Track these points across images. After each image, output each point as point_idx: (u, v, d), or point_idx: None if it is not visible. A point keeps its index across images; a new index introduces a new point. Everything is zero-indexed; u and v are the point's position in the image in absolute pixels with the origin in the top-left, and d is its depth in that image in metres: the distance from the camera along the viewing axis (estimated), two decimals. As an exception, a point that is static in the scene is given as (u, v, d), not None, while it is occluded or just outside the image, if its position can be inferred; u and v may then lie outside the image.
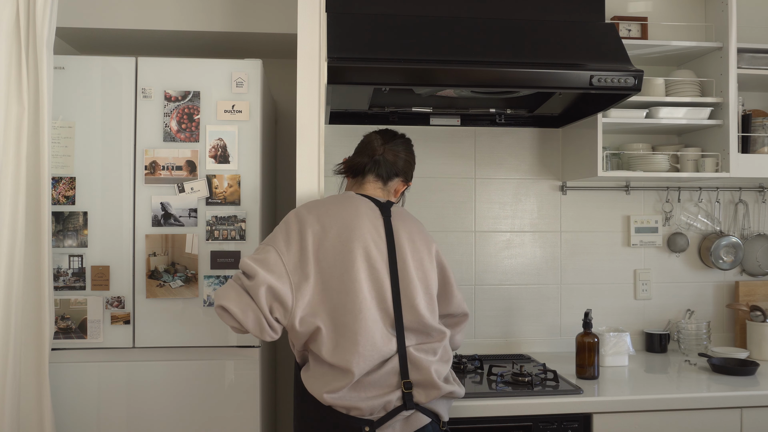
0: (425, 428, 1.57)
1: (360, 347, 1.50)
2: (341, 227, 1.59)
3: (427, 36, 1.97)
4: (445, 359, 1.63)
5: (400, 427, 1.54)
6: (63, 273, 1.96)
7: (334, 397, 1.51)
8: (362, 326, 1.52)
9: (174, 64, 2.01)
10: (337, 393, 1.51)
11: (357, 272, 1.55)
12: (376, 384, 1.53)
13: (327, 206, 1.65)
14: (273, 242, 1.59)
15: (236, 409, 2.00)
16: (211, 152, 2.00)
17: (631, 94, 2.00)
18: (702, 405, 1.97)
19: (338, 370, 1.52)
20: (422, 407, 1.57)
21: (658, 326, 2.64)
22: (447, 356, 1.64)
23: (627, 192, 2.64)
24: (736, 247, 2.62)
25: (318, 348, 1.54)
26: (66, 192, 1.97)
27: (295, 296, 1.52)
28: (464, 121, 2.55)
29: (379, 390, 1.53)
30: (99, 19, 2.30)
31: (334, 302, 1.54)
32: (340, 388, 1.51)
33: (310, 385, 1.55)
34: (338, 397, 1.51)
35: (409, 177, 1.82)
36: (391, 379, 1.55)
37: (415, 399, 1.56)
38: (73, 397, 1.96)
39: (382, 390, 1.54)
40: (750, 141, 2.43)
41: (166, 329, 1.99)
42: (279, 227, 1.63)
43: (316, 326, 1.53)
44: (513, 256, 2.59)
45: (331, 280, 1.55)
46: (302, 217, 1.62)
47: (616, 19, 2.48)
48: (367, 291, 1.55)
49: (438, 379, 1.57)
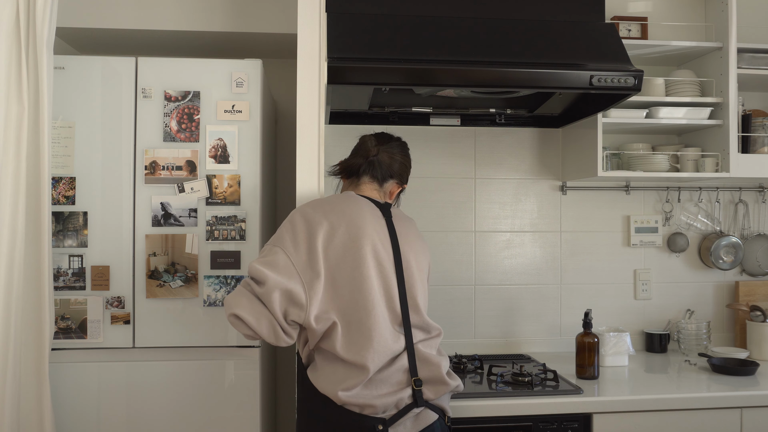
0: (434, 425, 1.58)
1: (374, 343, 1.52)
2: (349, 225, 1.59)
3: (427, 36, 1.97)
4: (443, 354, 1.67)
5: (410, 424, 1.55)
6: (63, 273, 1.96)
7: (349, 395, 1.50)
8: (375, 322, 1.53)
9: (174, 64, 2.01)
10: (351, 391, 1.51)
11: (368, 269, 1.56)
12: (386, 381, 1.54)
13: (332, 204, 1.65)
14: (280, 242, 1.58)
15: (236, 409, 2.00)
16: (211, 152, 2.00)
17: (631, 94, 2.00)
18: (702, 405, 1.97)
19: (352, 367, 1.52)
20: (430, 404, 1.58)
21: (658, 326, 2.64)
22: (443, 352, 1.68)
23: (627, 192, 2.64)
24: (736, 247, 2.62)
25: (332, 345, 1.53)
26: (66, 192, 1.97)
27: (308, 294, 1.52)
28: (464, 121, 2.54)
29: (390, 387, 1.54)
30: (99, 19, 2.30)
31: (345, 299, 1.54)
32: (355, 385, 1.50)
33: (322, 383, 1.54)
34: (353, 395, 1.50)
35: (404, 179, 1.81)
36: (401, 376, 1.55)
37: (424, 396, 1.57)
38: (73, 397, 1.96)
39: (393, 387, 1.54)
40: (750, 141, 2.43)
41: (166, 329, 1.99)
42: (284, 227, 1.61)
43: (332, 321, 1.53)
44: (513, 256, 2.59)
45: (341, 277, 1.55)
46: (308, 215, 1.61)
47: (616, 19, 2.48)
48: (377, 288, 1.56)
49: (445, 374, 1.60)
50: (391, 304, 1.58)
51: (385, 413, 1.53)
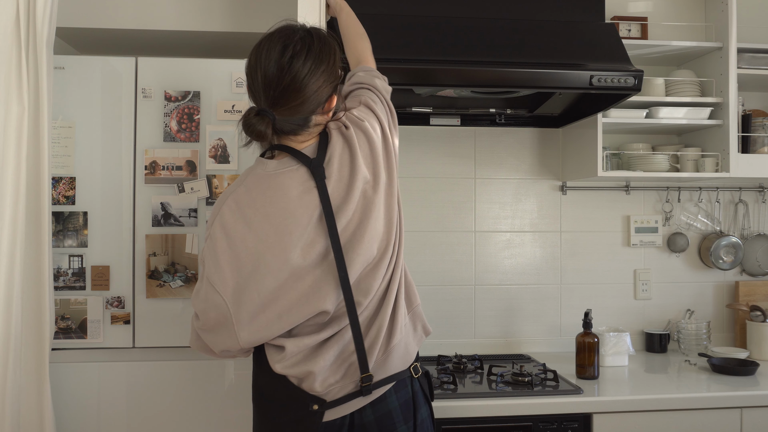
0: None
1: None
2: (266, 231, 1.34)
3: (427, 36, 1.97)
4: None
5: None
6: (63, 273, 1.96)
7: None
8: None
9: (174, 64, 2.01)
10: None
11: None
12: None
13: (252, 195, 1.37)
14: (208, 274, 1.37)
15: (236, 409, 2.00)
16: (211, 152, 2.00)
17: (631, 94, 2.00)
18: (702, 405, 1.97)
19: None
20: None
21: (658, 326, 2.64)
22: None
23: (627, 192, 2.64)
24: (736, 247, 2.62)
25: None
26: (66, 192, 1.97)
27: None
28: (464, 121, 2.55)
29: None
30: (99, 19, 2.30)
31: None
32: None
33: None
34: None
35: (332, 86, 1.39)
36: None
37: None
38: (73, 397, 1.96)
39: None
40: (750, 141, 2.43)
41: (166, 329, 1.99)
42: (207, 249, 1.38)
43: None
44: (513, 256, 2.59)
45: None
46: (230, 229, 1.36)
47: (616, 19, 2.48)
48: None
49: None
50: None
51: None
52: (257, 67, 1.35)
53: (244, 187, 1.39)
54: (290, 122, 1.35)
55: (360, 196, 1.35)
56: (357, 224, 1.35)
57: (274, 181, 1.36)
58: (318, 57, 1.36)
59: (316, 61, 1.35)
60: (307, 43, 1.36)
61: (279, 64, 1.33)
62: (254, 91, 1.37)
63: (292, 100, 1.33)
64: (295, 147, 1.39)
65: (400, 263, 1.43)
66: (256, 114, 1.31)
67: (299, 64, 1.33)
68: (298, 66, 1.33)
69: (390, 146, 1.44)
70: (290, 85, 1.33)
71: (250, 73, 1.37)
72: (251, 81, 1.37)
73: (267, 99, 1.34)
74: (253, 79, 1.36)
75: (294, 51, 1.34)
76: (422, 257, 2.55)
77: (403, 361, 1.44)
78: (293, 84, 1.33)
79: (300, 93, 1.33)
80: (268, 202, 1.34)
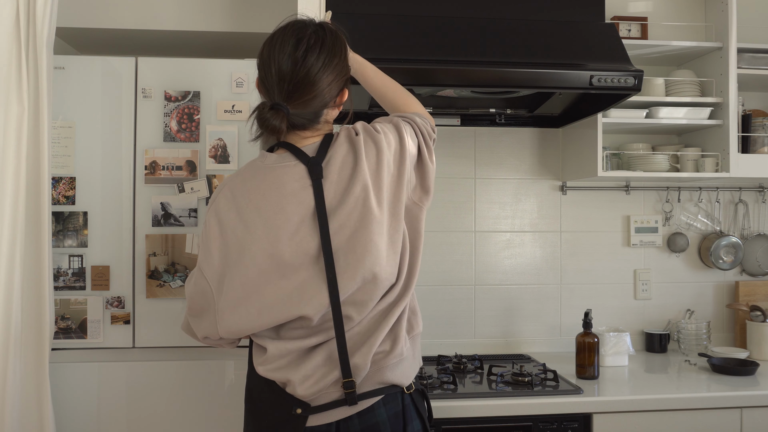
0: None
1: None
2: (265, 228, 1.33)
3: (427, 36, 1.97)
4: None
5: None
6: (63, 273, 1.96)
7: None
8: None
9: (174, 64, 2.01)
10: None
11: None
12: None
13: (247, 187, 1.36)
14: (200, 260, 1.38)
15: (236, 409, 2.00)
16: (211, 152, 2.00)
17: (631, 94, 2.00)
18: (702, 405, 1.97)
19: None
20: None
21: (658, 326, 2.64)
22: None
23: (627, 192, 2.64)
24: (736, 247, 2.62)
25: None
26: (66, 192, 1.97)
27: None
28: (464, 121, 2.54)
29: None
30: (99, 19, 2.30)
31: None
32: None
33: None
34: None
35: (342, 82, 1.39)
36: None
37: None
38: (73, 397, 1.96)
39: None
40: (750, 141, 2.43)
41: (166, 329, 1.99)
42: (202, 235, 1.39)
43: None
44: (513, 256, 2.59)
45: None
46: (222, 217, 1.35)
47: (616, 19, 2.48)
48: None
49: None
50: None
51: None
52: (270, 60, 1.34)
53: (241, 177, 1.38)
54: (301, 116, 1.35)
55: (359, 203, 1.31)
56: (353, 231, 1.30)
57: (270, 175, 1.35)
58: (331, 51, 1.36)
59: (329, 55, 1.35)
60: (321, 37, 1.35)
61: (293, 57, 1.32)
62: (267, 85, 1.35)
63: (306, 94, 1.33)
64: (299, 142, 1.38)
65: (409, 290, 1.37)
66: (270, 108, 1.30)
67: (313, 58, 1.33)
68: (312, 60, 1.32)
69: (404, 169, 1.38)
70: (304, 79, 1.32)
71: (263, 66, 1.36)
72: (264, 74, 1.36)
73: (281, 93, 1.32)
74: (267, 73, 1.35)
75: (308, 45, 1.33)
76: (422, 257, 2.54)
77: (396, 380, 1.38)
78: (307, 78, 1.32)
79: (314, 87, 1.33)
80: (261, 195, 1.33)
